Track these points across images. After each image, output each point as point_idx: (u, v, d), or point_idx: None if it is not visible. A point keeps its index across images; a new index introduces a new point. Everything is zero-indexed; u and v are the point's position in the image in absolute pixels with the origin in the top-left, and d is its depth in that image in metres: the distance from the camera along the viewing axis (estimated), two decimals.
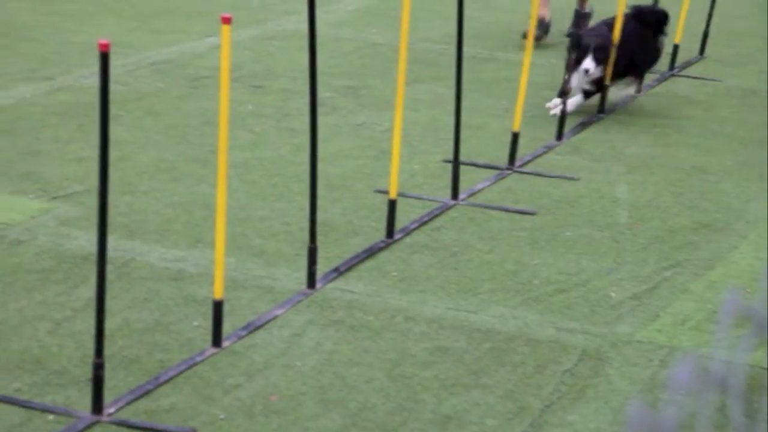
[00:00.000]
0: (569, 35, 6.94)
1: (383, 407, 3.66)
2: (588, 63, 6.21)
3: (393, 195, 4.85)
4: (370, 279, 4.51)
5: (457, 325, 4.18)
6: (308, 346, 4.01)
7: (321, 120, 4.38)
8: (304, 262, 4.44)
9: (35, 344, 3.93)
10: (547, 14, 7.64)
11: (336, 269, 4.56)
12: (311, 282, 4.41)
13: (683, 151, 6.03)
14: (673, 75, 7.31)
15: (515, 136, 5.68)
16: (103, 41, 3.38)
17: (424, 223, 5.03)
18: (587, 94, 6.45)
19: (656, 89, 7.07)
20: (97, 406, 3.54)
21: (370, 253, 4.73)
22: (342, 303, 4.31)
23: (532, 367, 3.93)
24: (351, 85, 6.86)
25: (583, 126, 6.32)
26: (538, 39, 7.38)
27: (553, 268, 4.65)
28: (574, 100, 6.38)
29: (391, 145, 4.87)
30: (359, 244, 4.79)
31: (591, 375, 3.89)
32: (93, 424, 3.50)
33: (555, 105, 6.32)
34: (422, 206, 5.18)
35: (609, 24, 6.47)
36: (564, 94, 6.19)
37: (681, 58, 7.46)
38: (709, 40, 7.73)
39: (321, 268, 4.47)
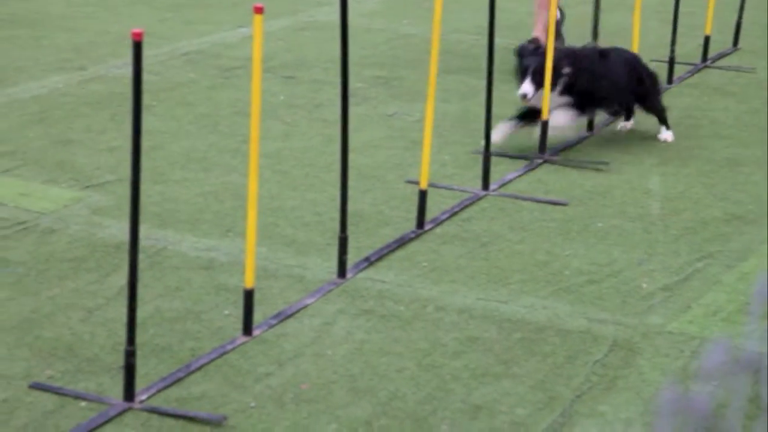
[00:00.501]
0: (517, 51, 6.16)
1: (413, 396, 3.67)
2: (526, 87, 5.57)
3: (424, 185, 4.85)
4: (401, 269, 4.51)
5: (488, 315, 4.18)
6: (339, 335, 4.02)
7: (352, 110, 4.39)
8: (334, 251, 4.45)
9: (68, 332, 3.96)
10: (542, 37, 6.72)
11: (366, 259, 4.56)
12: (342, 271, 4.42)
13: (716, 143, 5.99)
14: (706, 66, 7.27)
15: (544, 126, 5.66)
16: (137, 30, 3.39)
17: (455, 214, 5.02)
18: (524, 117, 5.73)
19: (689, 80, 7.02)
20: (129, 393, 3.56)
21: (401, 243, 4.73)
22: (372, 293, 4.31)
23: (562, 357, 3.92)
24: (382, 76, 6.85)
25: (614, 117, 6.29)
26: None
27: (584, 258, 4.64)
28: (558, 118, 5.70)
29: (422, 135, 4.86)
30: (390, 234, 4.79)
31: (622, 365, 3.88)
32: (125, 411, 3.52)
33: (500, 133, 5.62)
34: (453, 197, 5.17)
35: (574, 51, 5.82)
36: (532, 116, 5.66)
37: (714, 50, 7.42)
38: (742, 32, 7.67)
39: (351, 258, 4.48)
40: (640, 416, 3.59)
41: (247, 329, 3.99)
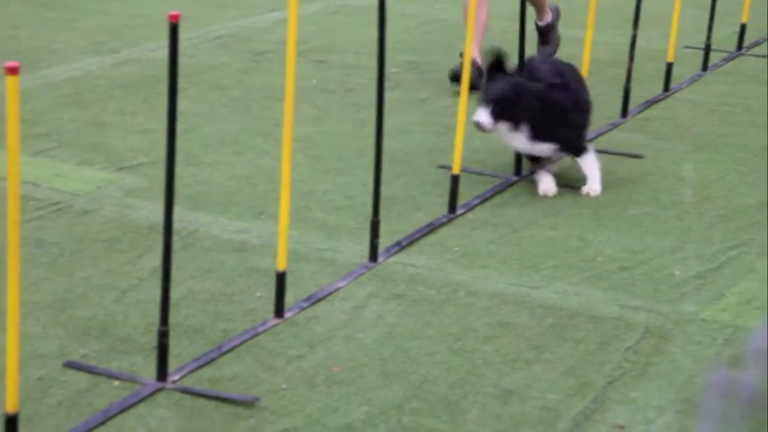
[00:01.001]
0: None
1: (444, 380, 3.67)
2: (481, 115, 4.87)
3: (456, 170, 4.84)
4: (432, 253, 4.51)
5: (519, 301, 4.17)
6: (370, 318, 4.03)
7: (384, 95, 4.38)
8: (365, 235, 4.45)
9: (101, 312, 3.98)
10: (479, 56, 6.16)
11: (398, 243, 4.56)
12: (373, 255, 4.42)
13: (750, 131, 5.94)
14: (741, 54, 7.22)
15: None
16: (173, 13, 3.39)
17: (487, 199, 5.02)
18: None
19: (724, 68, 6.98)
20: (162, 373, 3.58)
21: (432, 227, 4.73)
22: (404, 277, 4.31)
23: (594, 343, 3.91)
24: (414, 61, 6.85)
25: (648, 104, 6.26)
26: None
27: (617, 245, 4.62)
28: (546, 175, 5.10)
29: (454, 120, 4.86)
30: (421, 219, 4.79)
31: (654, 353, 3.86)
32: (157, 390, 3.54)
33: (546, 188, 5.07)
34: (485, 182, 5.16)
35: (556, 71, 5.06)
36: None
37: (749, 38, 7.36)
38: None
39: (383, 242, 4.48)
40: (672, 404, 3.57)
41: (279, 311, 4.00)
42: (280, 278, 3.98)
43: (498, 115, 4.86)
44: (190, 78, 6.35)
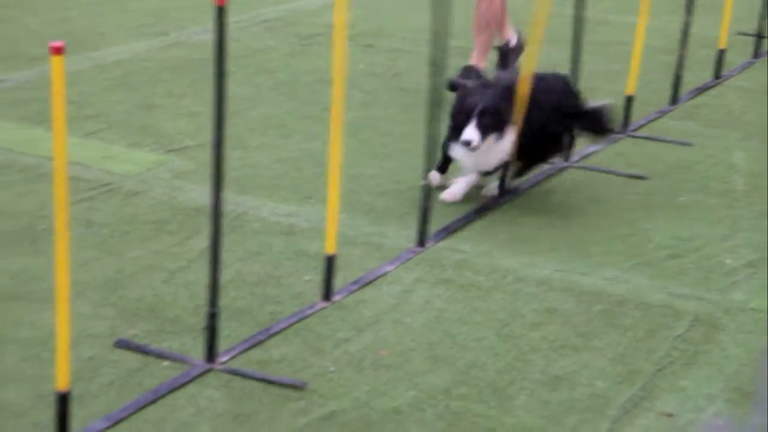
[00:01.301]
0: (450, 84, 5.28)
1: (492, 366, 3.66)
2: (470, 132, 4.50)
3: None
4: (480, 239, 4.50)
5: (567, 287, 4.15)
6: (418, 303, 4.02)
7: (431, 80, 4.37)
8: (413, 220, 4.44)
9: (150, 293, 4.01)
10: (481, 64, 6.09)
11: (446, 228, 4.55)
12: (421, 240, 4.42)
13: None
14: None
15: (629, 100, 5.61)
16: None
17: (535, 185, 5.00)
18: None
19: None
20: (211, 354, 3.59)
21: (481, 213, 4.71)
22: (451, 262, 4.30)
23: (643, 331, 3.88)
24: (459, 46, 6.82)
25: (698, 91, 6.21)
26: None
27: (666, 232, 4.59)
28: (461, 183, 4.74)
29: None
30: (470, 205, 4.78)
31: (703, 341, 3.83)
32: (206, 371, 3.56)
33: (435, 179, 4.71)
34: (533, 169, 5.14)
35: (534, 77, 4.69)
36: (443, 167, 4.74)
37: None
38: None
39: (431, 227, 4.47)
40: (722, 392, 3.55)
41: (327, 295, 4.00)
42: (329, 262, 3.98)
43: (485, 128, 4.48)
44: (237, 62, 6.36)
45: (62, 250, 3.04)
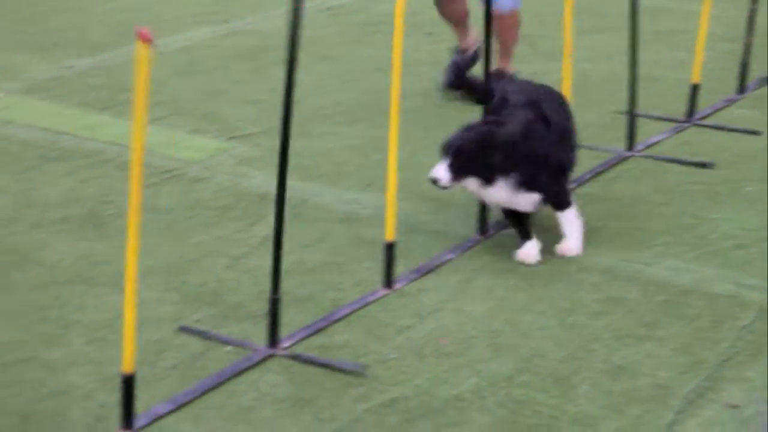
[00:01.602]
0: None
1: (555, 355, 3.64)
2: (439, 170, 4.11)
3: None
4: (543, 228, 4.47)
5: (631, 277, 4.12)
6: (479, 291, 4.01)
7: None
8: (475, 208, 4.43)
9: (213, 278, 4.03)
10: (507, 65, 5.80)
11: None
12: (483, 229, 4.40)
13: None
14: None
15: (694, 88, 5.54)
16: None
17: (598, 174, 4.96)
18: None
19: None
20: (273, 339, 3.61)
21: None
22: (514, 250, 4.28)
23: (708, 321, 3.84)
24: (525, 34, 6.78)
25: (765, 80, 6.11)
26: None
27: (732, 222, 4.53)
28: (575, 224, 4.29)
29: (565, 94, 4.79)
30: None
31: None
32: (268, 357, 3.58)
33: (526, 254, 4.24)
34: (596, 157, 5.10)
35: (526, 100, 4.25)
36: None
37: None
38: None
39: (494, 216, 4.45)
40: None
41: (388, 282, 4.01)
42: (390, 249, 3.98)
43: (459, 170, 4.06)
44: (301, 49, 6.36)
45: (134, 236, 3.07)
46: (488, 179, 4.08)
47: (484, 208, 4.38)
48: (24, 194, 4.65)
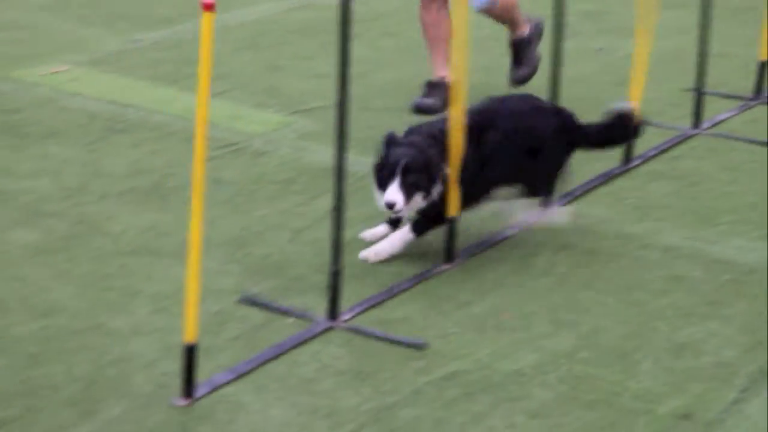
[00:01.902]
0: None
1: (616, 331, 3.62)
2: (392, 193, 3.84)
3: None
4: (606, 205, 4.45)
5: (694, 255, 4.08)
6: (541, 267, 4.00)
7: (562, 44, 4.33)
8: None
9: (276, 251, 4.06)
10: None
11: (570, 194, 4.51)
12: (545, 203, 4.38)
13: None
14: None
15: (762, 66, 5.46)
16: None
17: (663, 151, 4.91)
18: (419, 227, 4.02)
19: None
20: (333, 312, 3.63)
21: (606, 178, 4.65)
22: (575, 227, 4.26)
23: None
24: (592, 10, 6.72)
25: None
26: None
27: None
28: (394, 238, 4.03)
29: (632, 71, 4.75)
30: (595, 170, 4.72)
31: None
32: (329, 329, 3.59)
33: (372, 234, 4.12)
34: (661, 134, 5.05)
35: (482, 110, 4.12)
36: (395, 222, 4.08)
37: None
38: None
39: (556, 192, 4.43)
40: None
41: (449, 256, 4.00)
42: (451, 224, 3.98)
43: (411, 189, 3.85)
44: (364, 24, 6.37)
45: (197, 207, 3.10)
46: (429, 191, 3.88)
47: None
48: (91, 165, 4.71)
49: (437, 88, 5.18)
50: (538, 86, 4.85)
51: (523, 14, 5.48)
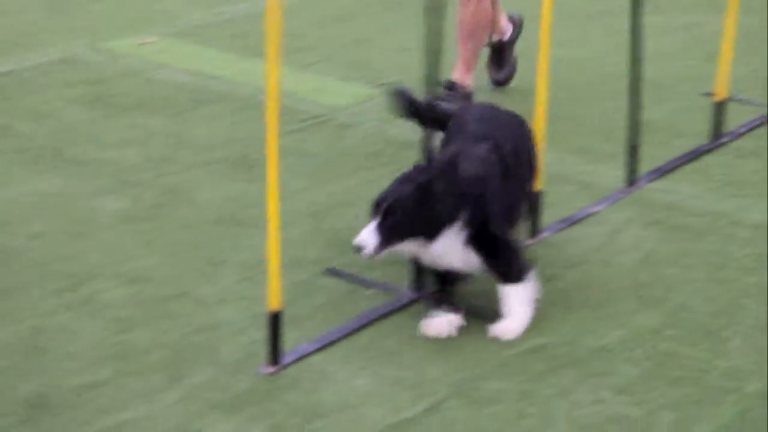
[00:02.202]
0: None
1: (704, 309, 3.58)
2: (363, 234, 3.31)
3: (720, 97, 4.67)
4: (693, 181, 4.39)
5: None
6: (626, 243, 3.96)
7: (647, 20, 4.26)
8: (623, 161, 4.36)
9: (360, 223, 4.00)
10: (469, 81, 4.85)
11: (658, 170, 4.46)
12: (631, 180, 4.34)
13: None
14: None
15: None
16: None
17: (753, 129, 4.83)
18: None
19: None
20: (418, 284, 3.62)
21: (694, 155, 4.59)
22: (662, 203, 4.21)
23: None
24: None
25: None
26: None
27: None
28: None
29: (719, 47, 4.67)
30: (683, 146, 4.66)
31: None
32: (413, 301, 3.60)
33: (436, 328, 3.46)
34: (751, 111, 4.97)
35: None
36: None
37: None
38: None
39: (642, 168, 4.38)
40: None
41: (534, 232, 3.98)
42: (536, 199, 3.95)
43: (393, 232, 3.29)
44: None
45: (273, 179, 3.11)
46: (431, 237, 3.31)
47: (634, 159, 4.31)
48: (177, 136, 4.76)
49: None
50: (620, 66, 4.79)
51: (505, 14, 5.16)
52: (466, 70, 4.87)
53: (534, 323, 3.48)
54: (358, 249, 3.29)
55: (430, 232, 3.30)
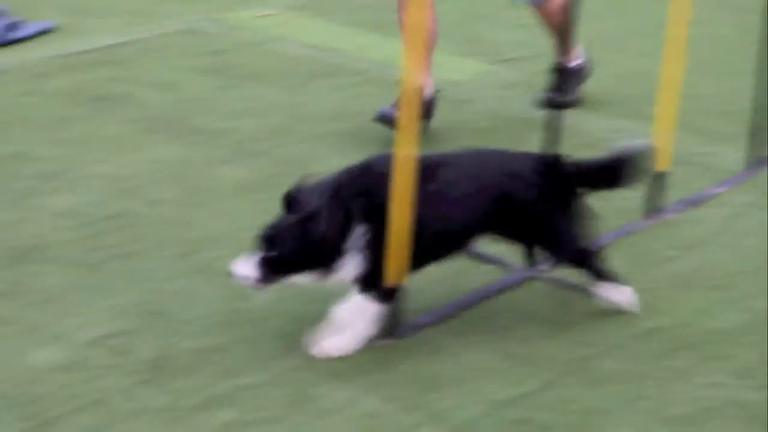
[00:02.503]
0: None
1: None
2: (243, 266, 3.09)
3: None
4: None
5: None
6: (748, 226, 3.89)
7: None
8: (746, 142, 4.28)
9: None
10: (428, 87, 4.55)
11: None
12: (755, 163, 4.25)
13: None
14: None
15: None
16: None
17: None
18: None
19: None
20: (532, 261, 3.60)
21: None
22: None
23: None
24: None
25: None
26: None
27: None
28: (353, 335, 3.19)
29: None
30: None
31: None
32: (528, 278, 3.58)
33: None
34: None
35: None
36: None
37: None
38: None
39: (765, 151, 4.29)
40: None
41: (654, 211, 3.93)
42: (659, 179, 3.90)
43: (280, 267, 3.04)
44: None
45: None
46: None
47: (757, 141, 4.22)
48: (294, 108, 4.80)
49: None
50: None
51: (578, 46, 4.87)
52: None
53: (650, 304, 3.44)
54: (238, 278, 3.06)
55: (324, 264, 3.03)
